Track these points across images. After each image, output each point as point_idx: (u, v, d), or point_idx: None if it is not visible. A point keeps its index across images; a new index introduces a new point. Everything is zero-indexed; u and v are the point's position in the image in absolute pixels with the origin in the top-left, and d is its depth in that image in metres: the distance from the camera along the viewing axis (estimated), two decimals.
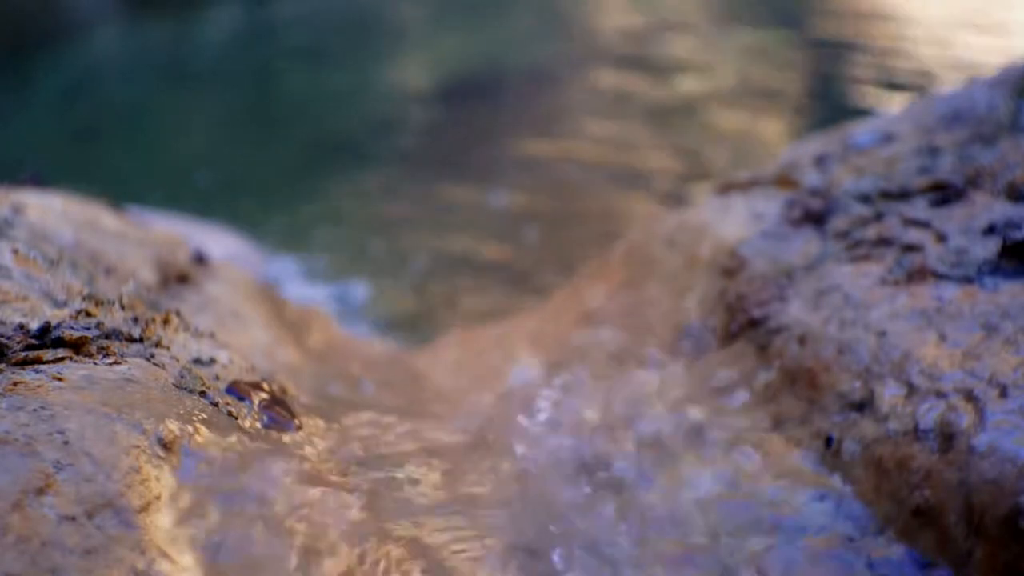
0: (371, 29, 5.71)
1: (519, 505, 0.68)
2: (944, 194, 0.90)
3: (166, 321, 0.80)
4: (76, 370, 0.60)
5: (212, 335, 0.86)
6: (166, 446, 0.56)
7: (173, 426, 0.57)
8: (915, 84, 3.73)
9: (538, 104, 3.96)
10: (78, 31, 5.65)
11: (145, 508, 0.50)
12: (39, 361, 0.61)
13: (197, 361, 0.75)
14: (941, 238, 0.82)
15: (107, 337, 0.68)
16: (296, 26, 5.76)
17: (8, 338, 0.61)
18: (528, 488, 0.71)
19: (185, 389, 0.64)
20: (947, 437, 0.60)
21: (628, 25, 5.29)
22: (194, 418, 0.60)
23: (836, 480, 0.67)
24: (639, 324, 0.98)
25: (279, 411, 0.71)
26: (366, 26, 5.78)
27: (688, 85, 4.10)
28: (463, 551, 0.62)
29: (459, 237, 2.72)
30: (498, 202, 2.95)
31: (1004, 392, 0.61)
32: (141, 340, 0.72)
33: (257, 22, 6.06)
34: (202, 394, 0.65)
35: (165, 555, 0.49)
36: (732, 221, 1.03)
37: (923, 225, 0.85)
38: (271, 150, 3.70)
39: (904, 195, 0.93)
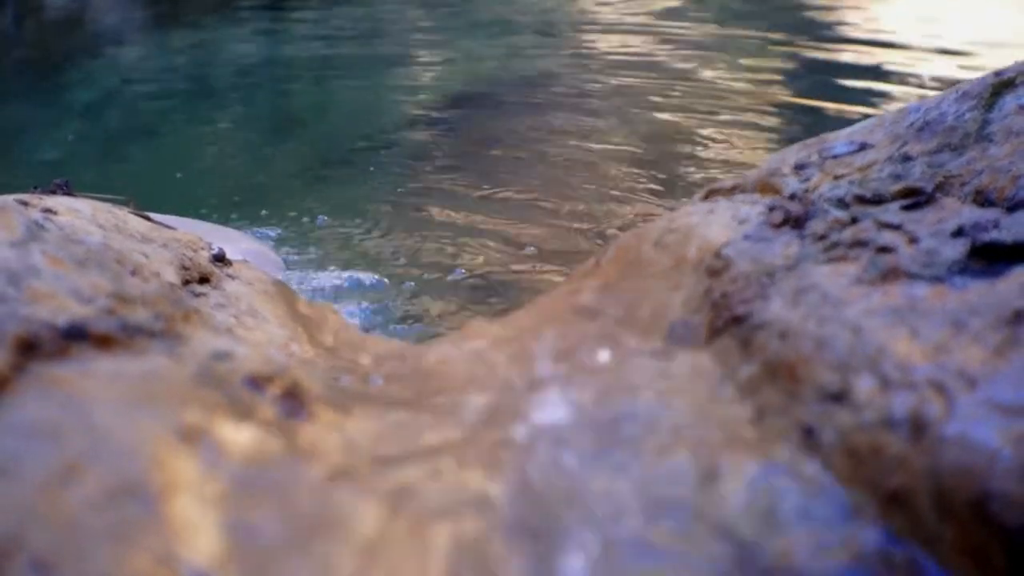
0: (380, 44, 5.71)
1: (524, 492, 0.68)
2: (915, 199, 0.89)
3: (187, 318, 0.79)
4: (102, 364, 0.60)
5: (230, 331, 0.85)
6: (186, 436, 0.55)
7: (193, 417, 0.57)
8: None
9: (538, 115, 3.96)
10: (105, 47, 5.65)
11: (166, 495, 0.50)
12: (67, 355, 0.60)
13: (216, 355, 0.75)
14: (913, 240, 0.82)
15: (131, 333, 0.68)
16: (312, 40, 5.76)
17: (38, 334, 0.61)
18: (531, 475, 0.70)
19: (205, 382, 0.64)
20: (919, 427, 0.60)
21: (627, 40, 5.29)
22: (213, 409, 0.59)
23: (815, 466, 0.67)
24: (630, 321, 0.97)
25: (293, 402, 0.71)
26: (376, 41, 5.77)
27: (683, 98, 4.09)
28: (468, 533, 0.62)
29: (462, 235, 2.72)
30: (503, 203, 2.95)
31: (973, 384, 0.60)
32: (164, 336, 0.71)
33: (275, 36, 6.06)
34: (221, 386, 0.65)
35: (185, 541, 0.48)
36: (717, 224, 1.02)
37: (896, 228, 0.85)
38: (287, 157, 3.70)
39: (878, 200, 0.92)
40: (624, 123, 3.77)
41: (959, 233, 0.79)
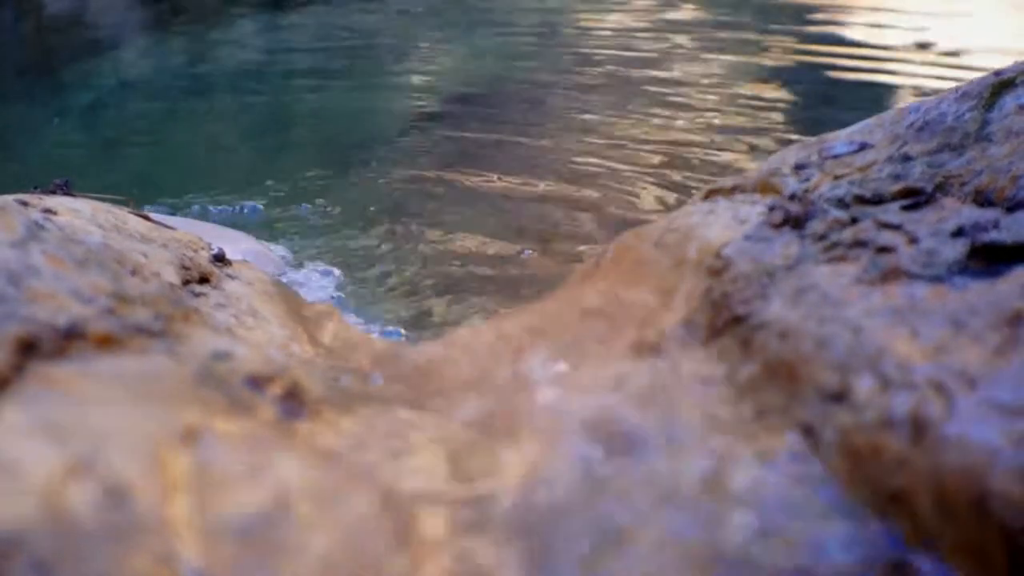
0: (380, 44, 5.71)
1: (522, 492, 0.68)
2: (915, 199, 0.89)
3: (187, 318, 0.79)
4: (102, 364, 0.60)
5: (231, 331, 0.85)
6: (186, 435, 0.55)
7: (193, 416, 0.57)
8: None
9: (538, 114, 3.96)
10: (104, 47, 5.65)
11: (166, 495, 0.50)
12: (67, 355, 0.60)
13: (216, 355, 0.75)
14: (913, 240, 0.82)
15: (131, 333, 0.68)
16: (310, 43, 5.76)
17: (38, 334, 0.61)
18: (530, 475, 0.70)
19: (205, 382, 0.64)
20: (919, 427, 0.60)
21: (628, 39, 5.28)
22: (213, 408, 0.59)
23: (815, 467, 0.67)
24: (630, 321, 0.97)
25: (293, 402, 0.71)
26: (375, 41, 5.77)
27: (684, 97, 4.09)
28: (470, 536, 0.62)
29: (463, 234, 2.73)
30: (503, 202, 2.95)
31: (972, 384, 0.60)
32: (164, 336, 0.71)
33: (275, 36, 6.05)
34: (221, 386, 0.65)
35: (185, 541, 0.48)
36: (717, 224, 1.02)
37: (896, 228, 0.85)
38: (286, 156, 3.70)
39: (878, 200, 0.92)
40: (625, 122, 3.78)
41: (959, 233, 0.79)
